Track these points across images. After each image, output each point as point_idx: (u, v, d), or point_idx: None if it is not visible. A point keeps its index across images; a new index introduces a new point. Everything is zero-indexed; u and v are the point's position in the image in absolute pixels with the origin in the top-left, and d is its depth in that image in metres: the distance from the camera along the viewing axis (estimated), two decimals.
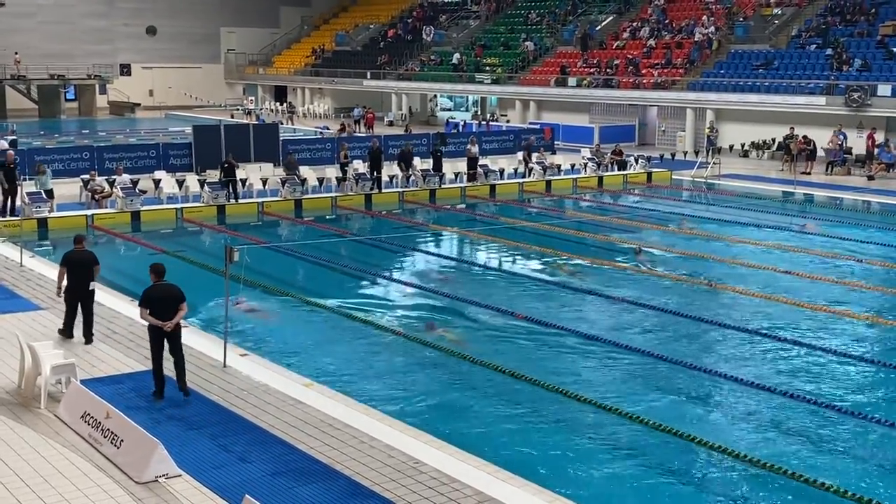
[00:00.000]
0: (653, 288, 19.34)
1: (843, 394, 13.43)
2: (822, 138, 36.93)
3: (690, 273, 20.63)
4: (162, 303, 12.25)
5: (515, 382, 13.59)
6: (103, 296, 17.07)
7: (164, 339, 12.31)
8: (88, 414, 11.05)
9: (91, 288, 14.37)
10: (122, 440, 10.36)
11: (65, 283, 14.31)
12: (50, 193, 25.43)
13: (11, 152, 26.79)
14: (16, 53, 61.06)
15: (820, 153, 36.66)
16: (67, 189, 27.29)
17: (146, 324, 12.46)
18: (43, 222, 24.30)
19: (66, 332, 14.56)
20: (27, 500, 9.50)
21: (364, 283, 20.23)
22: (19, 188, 24.87)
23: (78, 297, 14.35)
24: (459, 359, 14.54)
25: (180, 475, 9.96)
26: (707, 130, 41.50)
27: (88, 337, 14.45)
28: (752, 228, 25.71)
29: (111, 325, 15.31)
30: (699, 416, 12.71)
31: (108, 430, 10.60)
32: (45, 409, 11.84)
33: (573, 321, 16.74)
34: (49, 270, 18.91)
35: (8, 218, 23.96)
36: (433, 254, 23.47)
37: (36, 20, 65.08)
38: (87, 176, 27.90)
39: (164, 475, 9.88)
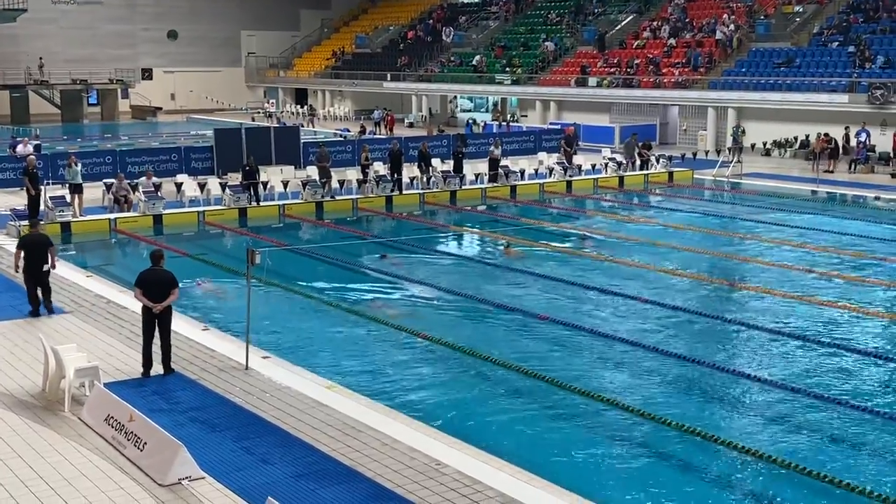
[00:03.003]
0: (674, 288, 19.25)
1: (869, 392, 13.33)
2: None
3: (713, 272, 20.53)
4: (154, 286, 13.18)
5: (537, 382, 13.54)
6: (130, 300, 17.16)
7: (154, 320, 13.12)
8: (112, 417, 11.11)
9: (46, 269, 15.99)
10: (145, 443, 10.41)
11: (22, 263, 15.91)
12: (79, 188, 25.54)
13: (33, 157, 26.97)
14: (40, 58, 61.53)
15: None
16: (90, 193, 27.43)
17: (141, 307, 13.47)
18: (66, 226, 24.45)
19: (33, 310, 16.16)
20: (51, 502, 9.56)
21: (384, 285, 20.22)
22: (42, 192, 25.03)
23: (35, 276, 15.99)
24: (480, 359, 14.50)
25: (203, 477, 10.00)
26: (735, 130, 41.05)
27: (49, 307, 16.23)
28: (778, 227, 25.55)
29: (134, 328, 15.36)
30: (724, 416, 12.64)
31: (132, 432, 10.66)
32: (69, 412, 11.91)
33: (594, 322, 16.69)
34: (73, 275, 19.18)
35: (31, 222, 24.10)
36: (454, 255, 23.45)
37: (58, 25, 65.56)
38: (110, 180, 28.08)
39: (187, 477, 9.92)
